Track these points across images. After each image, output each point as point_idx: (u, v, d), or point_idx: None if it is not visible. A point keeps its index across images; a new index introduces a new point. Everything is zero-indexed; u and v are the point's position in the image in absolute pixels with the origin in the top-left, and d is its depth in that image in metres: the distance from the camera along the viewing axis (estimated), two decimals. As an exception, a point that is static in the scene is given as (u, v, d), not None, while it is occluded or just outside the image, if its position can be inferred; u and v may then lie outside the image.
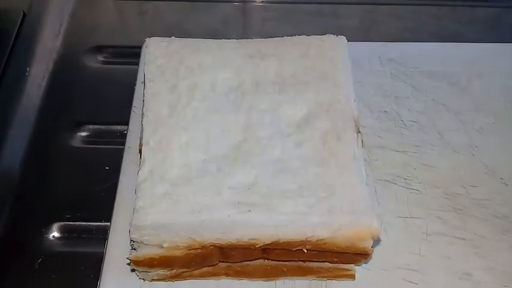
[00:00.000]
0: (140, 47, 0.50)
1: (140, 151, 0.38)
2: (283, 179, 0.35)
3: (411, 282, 0.39)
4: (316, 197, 0.34)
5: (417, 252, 0.41)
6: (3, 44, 0.51)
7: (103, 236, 0.42)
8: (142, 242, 0.33)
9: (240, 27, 0.58)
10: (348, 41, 0.52)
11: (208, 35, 0.53)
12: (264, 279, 0.38)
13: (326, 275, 0.38)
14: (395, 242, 0.41)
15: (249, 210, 0.33)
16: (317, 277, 0.38)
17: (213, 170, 0.35)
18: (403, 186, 0.44)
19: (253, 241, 0.33)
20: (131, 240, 0.34)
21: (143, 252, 0.34)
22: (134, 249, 0.34)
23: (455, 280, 0.40)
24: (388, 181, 0.44)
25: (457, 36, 0.57)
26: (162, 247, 0.33)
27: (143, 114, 0.38)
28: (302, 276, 0.38)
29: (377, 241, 0.37)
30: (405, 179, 0.45)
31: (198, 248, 0.34)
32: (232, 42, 0.42)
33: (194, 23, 0.57)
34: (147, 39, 0.44)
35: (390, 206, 0.43)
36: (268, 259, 0.36)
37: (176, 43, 0.41)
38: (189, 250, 0.34)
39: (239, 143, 0.37)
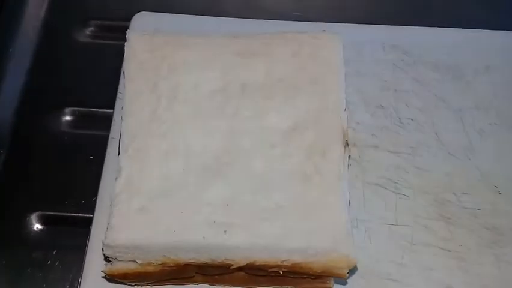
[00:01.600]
0: (129, 21, 0.48)
1: (119, 154, 0.36)
2: (263, 197, 0.34)
3: (390, 292, 0.40)
4: (294, 219, 0.33)
5: (400, 262, 0.41)
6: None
7: (86, 228, 0.41)
8: (115, 258, 0.33)
9: (239, 2, 0.54)
10: (350, 22, 0.50)
11: (202, 11, 0.50)
12: (242, 286, 0.38)
13: (303, 286, 0.37)
14: (378, 250, 0.41)
15: (224, 231, 0.33)
16: (295, 287, 0.38)
17: (191, 183, 0.34)
18: (392, 191, 0.43)
19: (228, 262, 0.33)
20: (104, 255, 0.34)
21: (117, 267, 0.34)
22: (109, 261, 0.34)
23: (434, 293, 0.40)
24: (378, 185, 0.43)
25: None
26: (136, 262, 0.33)
27: (121, 117, 0.37)
28: (281, 285, 0.38)
29: (353, 269, 0.36)
30: (395, 183, 0.43)
31: (172, 266, 0.33)
32: (220, 37, 0.39)
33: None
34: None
35: (377, 212, 0.42)
36: (245, 273, 0.36)
37: (159, 37, 0.39)
38: (164, 267, 0.33)
39: (220, 152, 0.35)
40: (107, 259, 0.34)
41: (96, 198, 0.41)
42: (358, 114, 0.46)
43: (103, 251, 0.33)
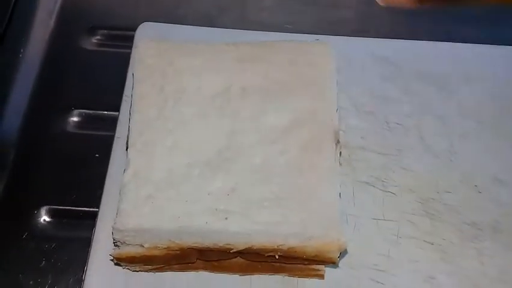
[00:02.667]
0: (134, 30, 0.51)
1: (127, 149, 0.39)
2: (261, 188, 0.37)
3: (378, 282, 0.42)
4: (290, 207, 0.36)
5: (387, 254, 0.43)
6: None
7: (91, 221, 0.44)
8: (124, 242, 0.36)
9: (236, 16, 0.58)
10: (342, 35, 0.54)
11: (203, 22, 0.53)
12: (240, 273, 0.40)
13: (297, 273, 0.40)
14: (366, 243, 0.43)
15: (226, 218, 0.35)
16: (289, 275, 0.40)
17: (195, 175, 0.37)
18: (380, 189, 0.46)
19: (229, 246, 0.36)
20: (113, 239, 0.36)
21: (125, 250, 0.36)
22: (118, 246, 0.36)
23: (420, 282, 0.42)
24: (366, 183, 0.46)
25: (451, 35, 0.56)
26: (143, 246, 0.36)
27: (130, 114, 0.39)
28: (275, 273, 0.40)
29: (343, 253, 0.39)
30: (383, 181, 0.46)
31: (176, 250, 0.36)
32: (222, 45, 0.43)
33: (190, 8, 0.57)
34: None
35: (366, 208, 0.45)
36: (243, 258, 0.39)
37: (166, 44, 0.42)
38: (168, 251, 0.36)
39: (222, 149, 0.38)
40: (115, 243, 0.36)
41: (101, 193, 0.44)
42: (349, 119, 0.49)
43: (112, 235, 0.36)
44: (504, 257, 0.43)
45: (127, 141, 0.39)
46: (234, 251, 0.36)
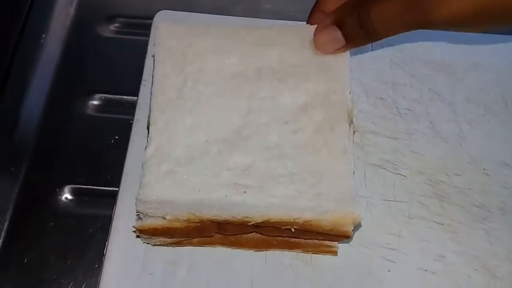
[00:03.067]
0: (151, 19, 0.52)
1: (148, 128, 0.41)
2: (277, 164, 0.38)
3: (389, 260, 0.43)
4: (305, 183, 0.37)
5: (398, 234, 0.44)
6: (19, 11, 0.53)
7: (111, 200, 0.45)
8: (146, 214, 0.37)
9: (248, 4, 0.59)
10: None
11: (215, 10, 0.55)
12: (255, 249, 0.42)
13: (311, 249, 0.41)
14: (378, 223, 0.45)
15: (244, 192, 0.37)
16: (303, 251, 0.42)
17: (213, 152, 0.38)
18: (391, 172, 0.47)
19: (247, 219, 0.37)
20: (137, 211, 0.37)
21: (147, 222, 0.38)
22: (140, 218, 0.38)
23: (430, 261, 0.43)
24: (378, 166, 0.48)
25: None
26: (164, 219, 0.37)
27: (151, 94, 0.41)
28: (290, 249, 0.42)
29: (357, 226, 0.40)
30: (393, 164, 0.48)
31: (196, 222, 0.37)
32: (239, 28, 0.44)
33: (204, -1, 0.59)
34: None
35: (377, 189, 0.46)
36: (259, 233, 0.40)
37: (186, 27, 0.44)
38: (189, 223, 0.37)
39: (239, 127, 0.40)
40: (138, 215, 0.38)
41: (121, 173, 0.45)
42: (360, 104, 0.50)
43: (136, 206, 0.37)
44: (512, 237, 0.44)
45: (148, 120, 0.41)
46: (252, 223, 0.37)
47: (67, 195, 0.47)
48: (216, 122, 0.40)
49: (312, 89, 0.42)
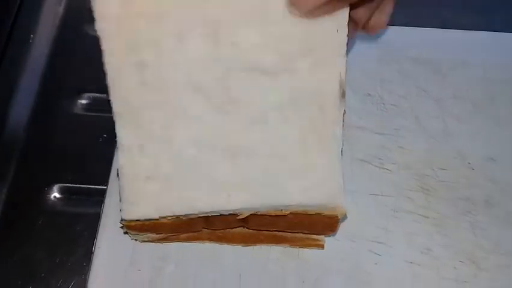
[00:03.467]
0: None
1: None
2: (263, 156, 0.37)
3: (376, 253, 0.44)
4: (294, 173, 0.37)
5: (384, 227, 0.45)
6: (7, 10, 0.53)
7: (100, 198, 0.45)
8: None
9: None
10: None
11: None
12: (243, 244, 0.42)
13: (298, 244, 0.42)
14: (365, 217, 0.45)
15: (229, 195, 0.36)
16: (290, 245, 0.42)
17: (192, 153, 0.36)
18: (377, 166, 0.48)
19: (234, 212, 0.37)
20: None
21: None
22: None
23: (416, 254, 0.44)
24: (364, 161, 0.48)
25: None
26: (152, 215, 0.37)
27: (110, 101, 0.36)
28: (277, 243, 0.42)
29: (343, 218, 0.41)
30: (380, 159, 0.48)
31: (183, 217, 0.38)
32: None
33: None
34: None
35: (364, 184, 0.47)
36: (247, 228, 0.40)
37: None
38: (176, 218, 0.38)
39: (224, 118, 0.36)
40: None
41: (109, 171, 0.45)
42: (347, 100, 0.50)
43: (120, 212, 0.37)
44: (496, 229, 0.45)
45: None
46: (240, 217, 0.37)
47: (55, 194, 0.47)
48: (194, 117, 0.36)
49: (305, 74, 0.38)
